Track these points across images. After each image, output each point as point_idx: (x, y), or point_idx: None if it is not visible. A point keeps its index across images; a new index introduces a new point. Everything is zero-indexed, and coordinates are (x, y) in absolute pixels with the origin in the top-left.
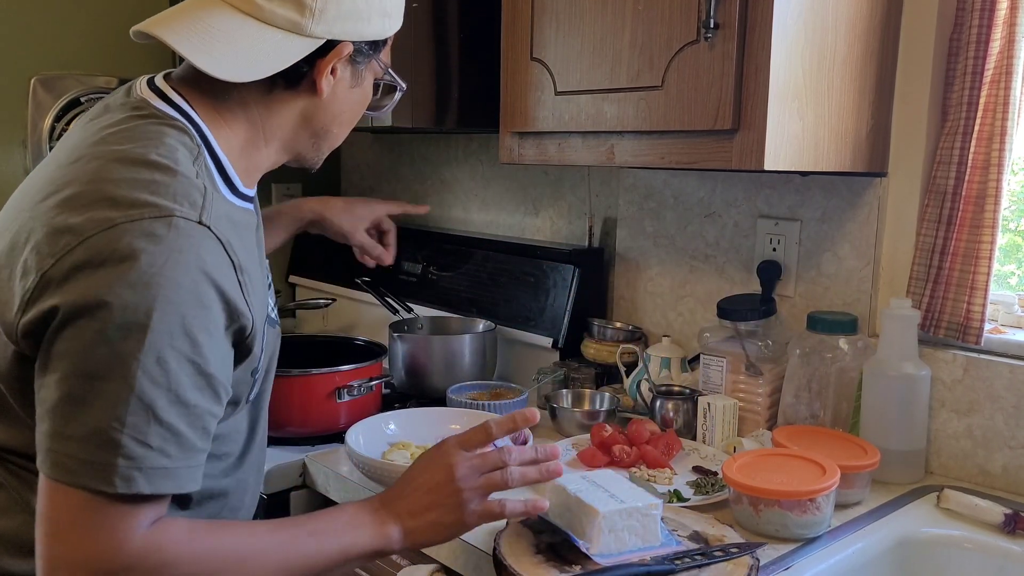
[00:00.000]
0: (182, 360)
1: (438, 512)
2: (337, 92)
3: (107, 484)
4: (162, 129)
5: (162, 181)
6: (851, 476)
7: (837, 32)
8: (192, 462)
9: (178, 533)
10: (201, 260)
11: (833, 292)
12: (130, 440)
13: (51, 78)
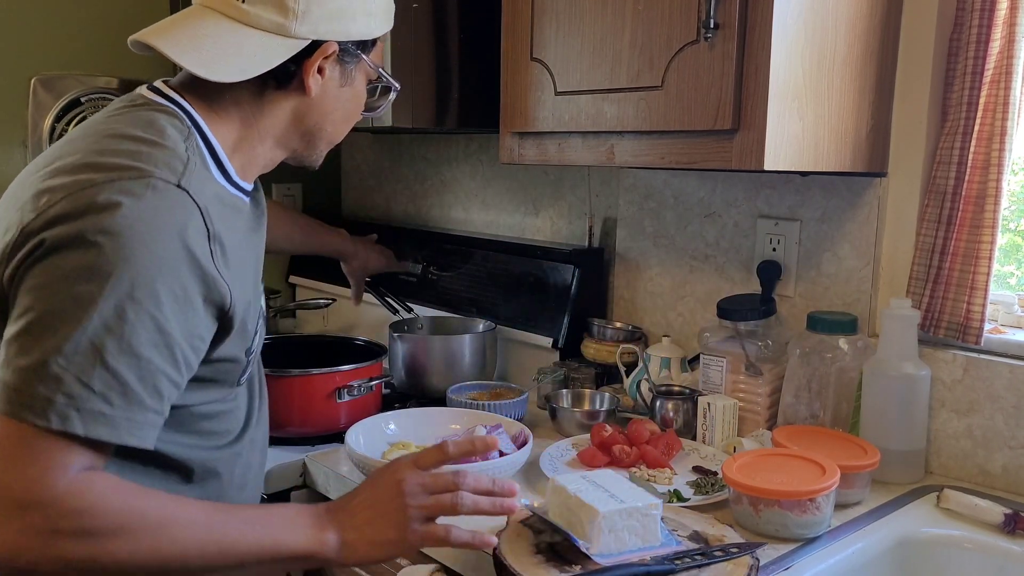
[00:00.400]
0: (141, 313)
1: (380, 526)
2: (327, 91)
3: (43, 418)
4: (152, 114)
5: (145, 150)
6: (851, 476)
7: (837, 32)
8: (136, 416)
9: (105, 485)
10: (175, 221)
11: (833, 292)
12: (72, 379)
13: (51, 78)
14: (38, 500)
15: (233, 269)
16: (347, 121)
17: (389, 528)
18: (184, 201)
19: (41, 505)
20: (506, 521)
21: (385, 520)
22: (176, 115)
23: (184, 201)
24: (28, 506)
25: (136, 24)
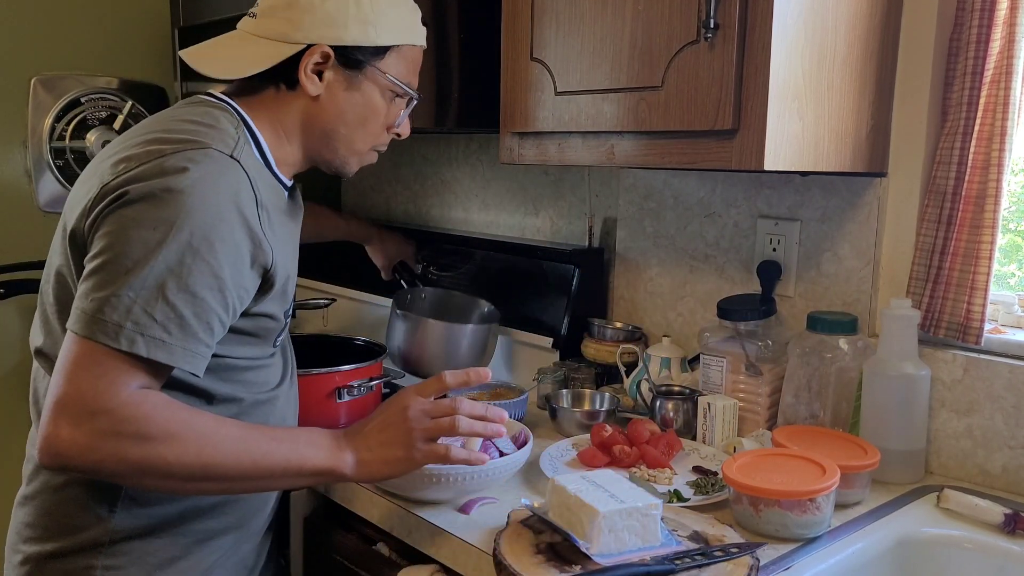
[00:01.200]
0: (199, 259)
1: (390, 447)
2: (334, 95)
3: (114, 341)
4: (208, 108)
5: (204, 129)
6: (851, 476)
7: (837, 32)
8: (190, 346)
9: (159, 399)
10: (228, 184)
11: (833, 292)
12: (140, 310)
13: (51, 78)
14: (104, 407)
15: (277, 235)
16: (362, 126)
17: (398, 448)
18: (236, 169)
19: (106, 411)
20: (506, 520)
21: (394, 441)
22: (227, 110)
23: (236, 169)
24: (96, 412)
25: (136, 24)
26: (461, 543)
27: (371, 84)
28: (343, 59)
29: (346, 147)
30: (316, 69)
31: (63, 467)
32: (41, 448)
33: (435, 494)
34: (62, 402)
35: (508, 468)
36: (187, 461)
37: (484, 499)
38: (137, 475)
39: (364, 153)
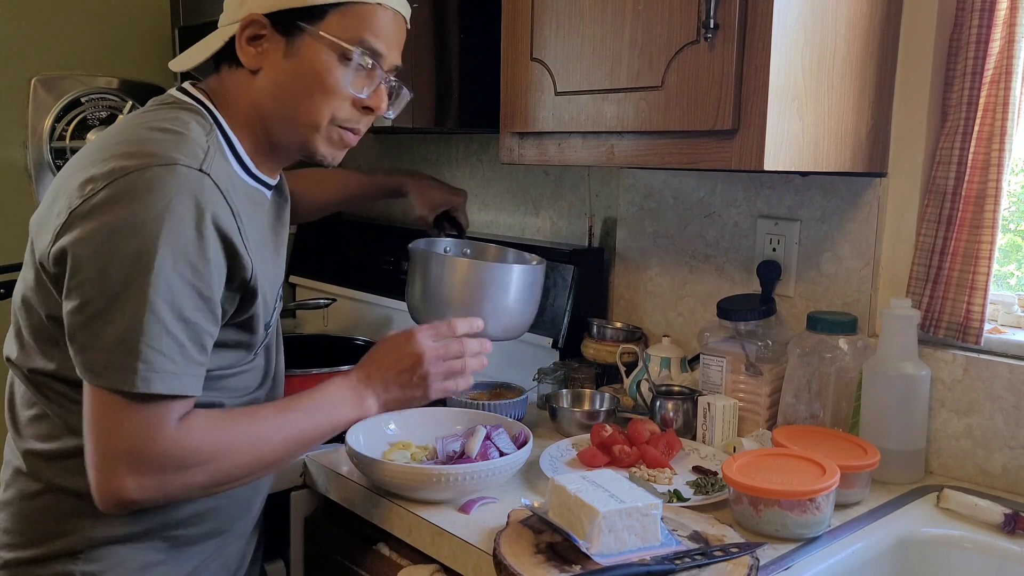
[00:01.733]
0: (184, 283)
1: (409, 391)
2: (272, 64)
3: (131, 385)
4: (179, 112)
5: (170, 140)
6: (851, 476)
7: (837, 32)
8: (192, 371)
9: (200, 425)
10: (200, 199)
11: (833, 292)
12: (147, 348)
13: (51, 78)
14: (159, 451)
15: (254, 247)
16: (307, 96)
17: (416, 390)
18: (207, 183)
19: (163, 454)
20: (506, 520)
21: (412, 386)
22: (199, 112)
23: (207, 183)
24: (154, 457)
25: (136, 24)
26: (461, 543)
27: (311, 48)
28: (279, 26)
29: (298, 122)
30: (253, 41)
31: (136, 510)
32: (107, 503)
33: (435, 494)
34: (117, 457)
35: (508, 468)
36: (246, 465)
37: (484, 499)
38: (207, 492)
39: (322, 127)
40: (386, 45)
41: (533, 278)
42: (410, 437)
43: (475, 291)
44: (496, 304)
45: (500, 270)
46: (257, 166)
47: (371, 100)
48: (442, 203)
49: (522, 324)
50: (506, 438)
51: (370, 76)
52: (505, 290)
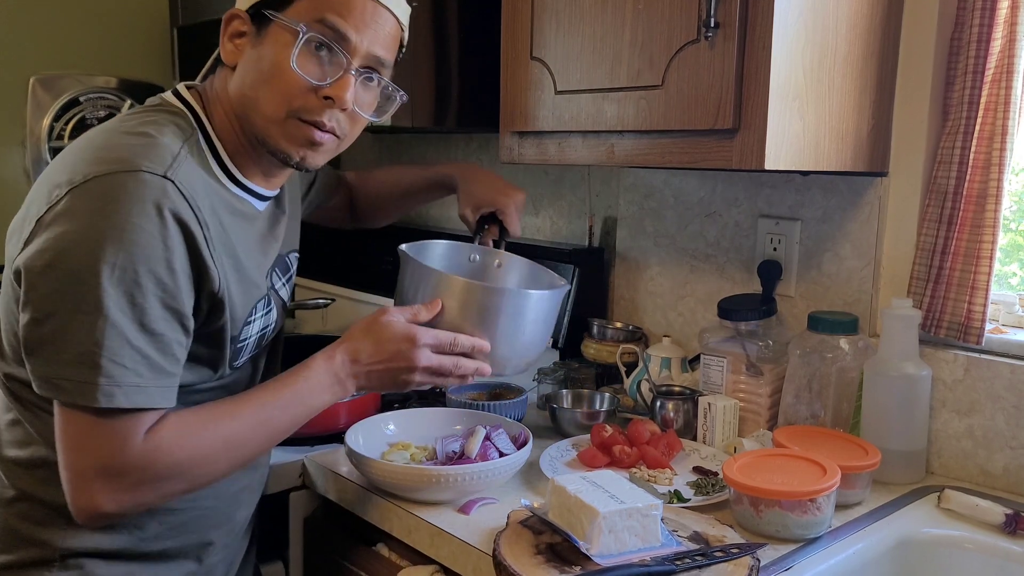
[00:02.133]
0: (148, 294)
1: (393, 377)
2: (244, 57)
3: (92, 400)
4: (158, 115)
5: (138, 144)
6: (852, 476)
7: (838, 31)
8: (163, 382)
9: (172, 434)
10: (163, 207)
11: (834, 292)
12: (108, 362)
13: (50, 78)
14: (129, 465)
15: (226, 258)
16: (266, 83)
17: (398, 385)
18: (170, 190)
19: (133, 467)
20: (506, 521)
21: (393, 383)
22: (183, 116)
23: (170, 190)
24: (124, 471)
25: (135, 24)
26: (461, 543)
27: (273, 35)
28: (256, 19)
29: (258, 114)
30: (235, 38)
31: (110, 522)
32: (83, 517)
33: (435, 494)
34: (86, 474)
35: (508, 469)
36: (223, 468)
37: (484, 499)
38: (186, 495)
39: (281, 119)
40: (355, 29)
41: (551, 305)
42: (409, 438)
43: (474, 317)
44: (501, 335)
45: (509, 296)
46: (245, 174)
47: (330, 88)
48: (486, 203)
49: (530, 357)
50: (506, 439)
51: (332, 62)
52: (514, 319)
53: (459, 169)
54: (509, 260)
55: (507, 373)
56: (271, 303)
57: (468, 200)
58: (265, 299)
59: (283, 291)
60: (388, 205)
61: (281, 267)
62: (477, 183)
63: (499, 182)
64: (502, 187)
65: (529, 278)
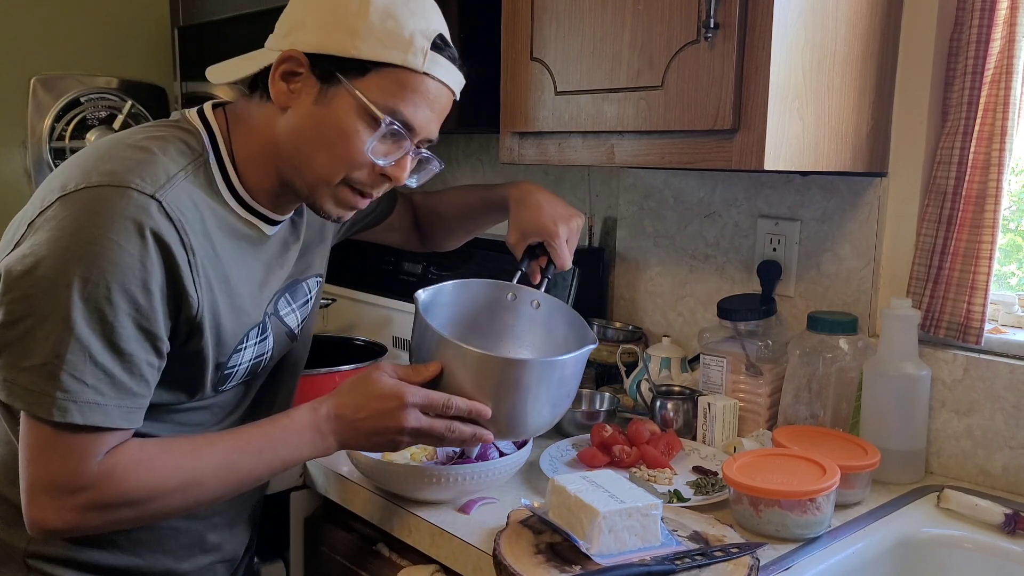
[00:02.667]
0: (120, 313)
1: (377, 444)
2: (301, 106)
3: (46, 413)
4: (169, 131)
5: (135, 159)
6: (851, 476)
7: (837, 32)
8: (127, 403)
9: (129, 461)
10: (144, 227)
11: (833, 292)
12: (67, 376)
13: (51, 78)
14: (80, 485)
15: (215, 282)
16: (327, 148)
17: (385, 446)
18: (154, 210)
19: (84, 488)
20: (506, 520)
21: (379, 444)
22: (195, 135)
23: (154, 210)
24: (75, 490)
25: (136, 24)
26: (461, 543)
27: (343, 102)
28: (318, 70)
29: (311, 172)
30: (287, 77)
31: (58, 537)
32: (31, 528)
33: (435, 494)
34: (37, 485)
35: (508, 468)
36: (178, 505)
37: (484, 499)
38: (136, 526)
39: (333, 183)
40: (424, 119)
41: (575, 369)
42: None
43: (475, 385)
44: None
45: (530, 368)
46: (260, 201)
47: (392, 170)
48: (533, 232)
49: (541, 427)
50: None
51: (396, 145)
52: (516, 389)
53: (514, 190)
54: (547, 302)
55: (519, 439)
56: (267, 330)
57: (516, 227)
58: (259, 326)
59: (291, 317)
60: (453, 227)
61: (293, 292)
62: (527, 208)
63: (551, 206)
64: (553, 213)
65: (565, 326)
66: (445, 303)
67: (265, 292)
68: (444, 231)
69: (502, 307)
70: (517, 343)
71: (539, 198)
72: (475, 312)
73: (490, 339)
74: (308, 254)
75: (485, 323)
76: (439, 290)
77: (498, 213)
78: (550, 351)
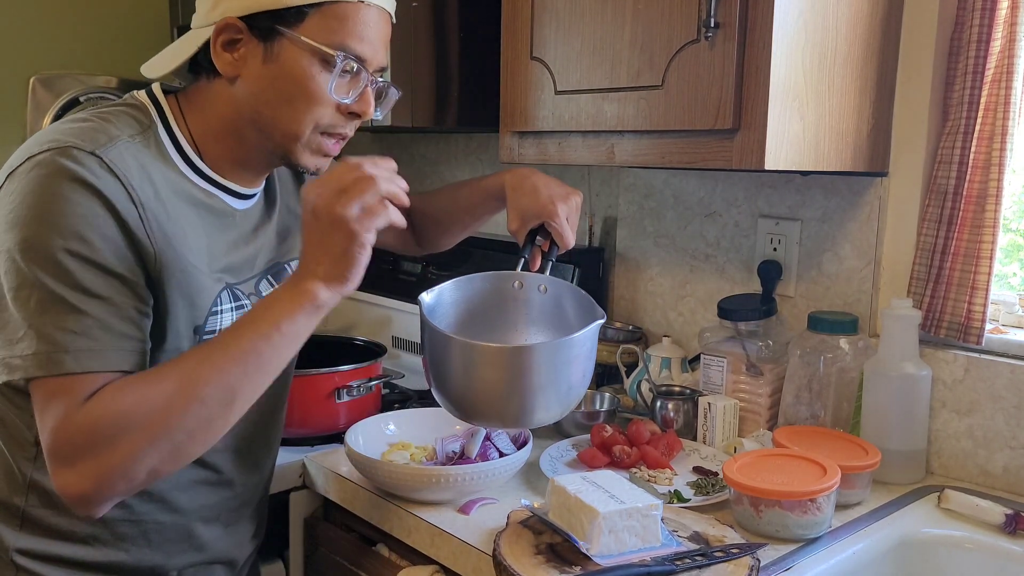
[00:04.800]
0: (82, 261)
1: (336, 249)
2: (251, 71)
3: (43, 369)
4: (116, 107)
5: (78, 128)
6: (852, 476)
7: (838, 31)
8: (122, 344)
9: (110, 389)
10: (85, 178)
11: (834, 292)
12: (55, 330)
13: (51, 78)
14: (77, 434)
15: (175, 242)
16: (289, 104)
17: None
18: (94, 164)
19: (77, 434)
20: (506, 521)
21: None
22: (142, 109)
23: (94, 164)
24: (76, 445)
25: (135, 24)
26: (461, 543)
27: (291, 53)
28: (256, 30)
29: (278, 131)
30: (229, 47)
31: (101, 505)
32: (72, 506)
33: (435, 494)
34: (53, 455)
35: (508, 468)
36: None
37: (484, 499)
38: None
39: (304, 136)
40: (371, 47)
41: (590, 345)
42: (409, 438)
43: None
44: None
45: (540, 351)
46: (225, 175)
47: (357, 105)
48: (533, 215)
49: (579, 398)
50: (506, 439)
51: (355, 80)
52: (550, 372)
53: (509, 177)
54: (553, 285)
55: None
56: (240, 299)
57: (515, 212)
58: (229, 292)
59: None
60: (449, 224)
61: (276, 275)
62: (523, 192)
63: (547, 187)
64: (550, 193)
65: (574, 306)
66: (451, 302)
67: (227, 265)
68: (440, 229)
69: (509, 297)
70: (531, 330)
71: (535, 180)
72: (483, 307)
73: (502, 331)
74: (290, 237)
75: (495, 316)
76: (442, 290)
77: (494, 202)
78: (563, 333)
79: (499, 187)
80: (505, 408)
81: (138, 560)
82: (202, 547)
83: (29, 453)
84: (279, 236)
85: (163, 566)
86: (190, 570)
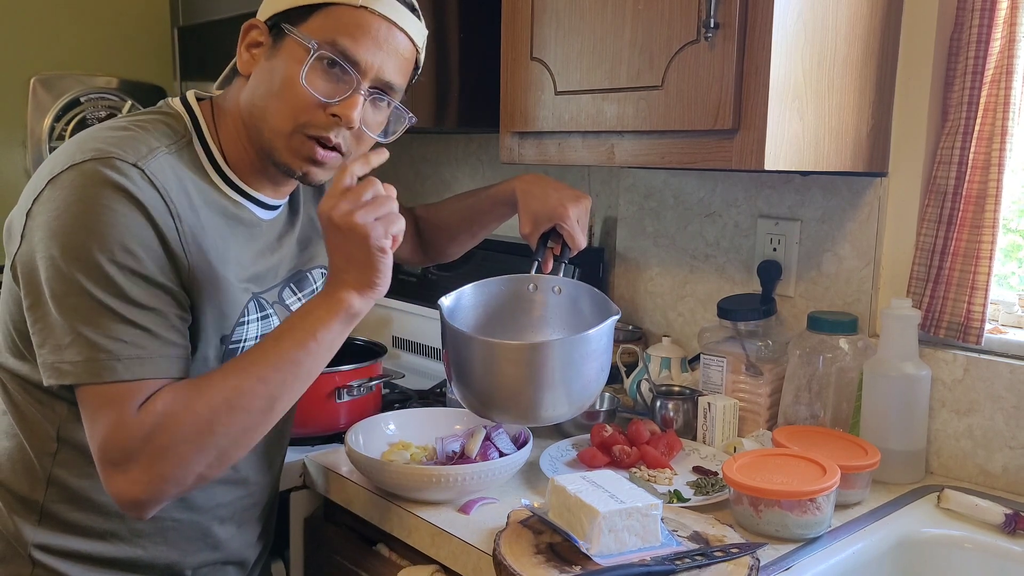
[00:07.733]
0: (128, 272)
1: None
2: (258, 67)
3: (96, 376)
4: (156, 116)
5: (118, 137)
6: (851, 476)
7: (837, 32)
8: (169, 352)
9: (167, 397)
10: (128, 190)
11: (833, 292)
12: (104, 338)
13: (51, 78)
14: (130, 440)
15: (211, 255)
16: (276, 97)
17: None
18: (137, 176)
19: (132, 440)
20: (506, 521)
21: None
22: (179, 119)
23: (137, 176)
24: (128, 450)
25: (136, 24)
26: (461, 543)
27: (287, 49)
28: (273, 30)
29: (267, 126)
30: (251, 48)
31: (153, 508)
32: (123, 508)
33: (435, 494)
34: (105, 460)
35: (508, 468)
36: (235, 427)
37: (484, 499)
38: (213, 465)
39: (287, 132)
40: (367, 52)
41: (606, 340)
42: (410, 437)
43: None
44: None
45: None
46: (248, 182)
47: (339, 107)
48: (544, 218)
49: (596, 392)
50: (506, 438)
51: (343, 83)
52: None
53: (519, 183)
54: (567, 286)
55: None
56: (266, 308)
57: (527, 216)
58: (256, 303)
59: (296, 306)
60: (458, 234)
61: (299, 282)
62: (534, 197)
63: (557, 191)
64: (560, 196)
65: (589, 305)
66: (469, 306)
67: (253, 275)
68: (448, 238)
69: (526, 299)
70: (548, 330)
71: (545, 185)
72: (500, 310)
73: (520, 333)
74: (311, 246)
75: (512, 318)
76: (460, 294)
77: (504, 208)
78: (580, 331)
79: (509, 193)
80: (526, 403)
81: (154, 557)
82: (217, 546)
83: (49, 449)
84: (300, 244)
85: (179, 564)
86: (204, 569)
